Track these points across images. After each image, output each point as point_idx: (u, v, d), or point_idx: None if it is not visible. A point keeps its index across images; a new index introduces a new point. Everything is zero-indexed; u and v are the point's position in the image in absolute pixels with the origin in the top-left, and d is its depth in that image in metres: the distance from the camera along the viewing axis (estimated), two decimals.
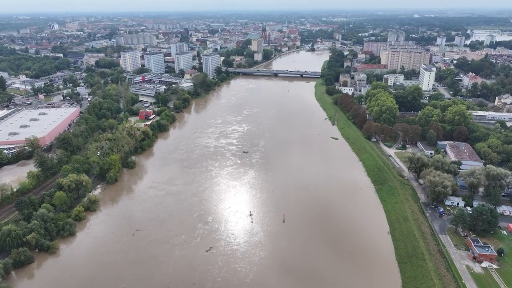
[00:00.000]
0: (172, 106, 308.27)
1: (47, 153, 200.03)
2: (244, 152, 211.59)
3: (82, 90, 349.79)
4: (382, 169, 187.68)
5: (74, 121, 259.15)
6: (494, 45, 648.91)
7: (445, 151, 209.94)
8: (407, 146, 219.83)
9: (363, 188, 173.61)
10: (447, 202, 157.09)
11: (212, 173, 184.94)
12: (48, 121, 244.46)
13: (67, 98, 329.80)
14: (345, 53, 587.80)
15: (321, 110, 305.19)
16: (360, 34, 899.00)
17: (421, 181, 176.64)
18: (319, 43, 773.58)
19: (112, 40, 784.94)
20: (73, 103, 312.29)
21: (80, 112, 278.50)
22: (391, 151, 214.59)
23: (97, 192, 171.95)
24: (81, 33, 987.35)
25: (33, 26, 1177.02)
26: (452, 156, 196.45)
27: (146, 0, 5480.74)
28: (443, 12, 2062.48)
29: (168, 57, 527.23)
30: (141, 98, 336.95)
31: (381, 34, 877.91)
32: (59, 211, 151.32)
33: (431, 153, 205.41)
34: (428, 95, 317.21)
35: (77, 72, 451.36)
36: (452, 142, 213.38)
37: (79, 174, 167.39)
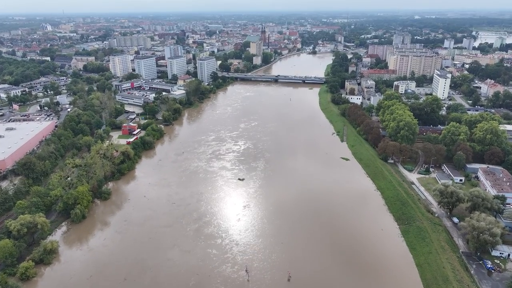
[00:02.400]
0: (161, 118, 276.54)
1: (4, 180, 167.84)
2: (239, 179, 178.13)
3: (63, 98, 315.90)
4: (405, 203, 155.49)
5: (46, 138, 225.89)
6: (504, 47, 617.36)
7: (477, 177, 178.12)
8: (431, 170, 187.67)
9: (385, 229, 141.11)
10: (495, 253, 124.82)
11: (200, 211, 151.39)
12: (14, 138, 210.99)
13: (45, 108, 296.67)
14: (349, 56, 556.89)
15: (327, 122, 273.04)
16: (363, 36, 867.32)
17: (455, 219, 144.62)
18: (321, 45, 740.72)
19: (105, 42, 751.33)
20: (50, 114, 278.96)
21: (56, 126, 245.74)
22: (413, 177, 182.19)
23: (59, 233, 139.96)
24: (74, 34, 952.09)
25: (25, 27, 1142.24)
26: (488, 185, 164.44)
27: (145, 1, 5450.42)
28: (443, 13, 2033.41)
29: (161, 61, 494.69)
30: (128, 108, 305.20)
31: (384, 36, 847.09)
32: (3, 266, 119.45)
33: (460, 180, 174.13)
34: (445, 106, 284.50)
35: (62, 78, 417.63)
36: (485, 166, 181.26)
37: (35, 213, 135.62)
